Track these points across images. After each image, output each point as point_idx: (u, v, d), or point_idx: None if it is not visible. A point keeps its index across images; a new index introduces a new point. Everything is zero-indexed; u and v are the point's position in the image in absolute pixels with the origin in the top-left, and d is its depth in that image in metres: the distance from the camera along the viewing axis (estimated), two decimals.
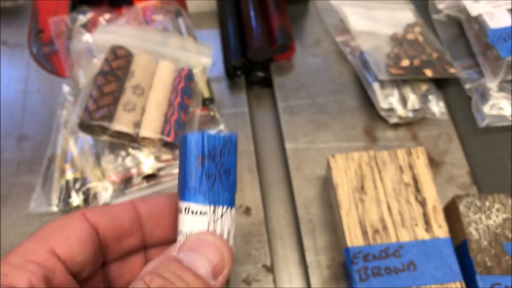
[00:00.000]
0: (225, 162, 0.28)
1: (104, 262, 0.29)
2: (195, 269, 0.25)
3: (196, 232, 0.27)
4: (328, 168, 0.44)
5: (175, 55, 0.50)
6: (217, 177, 0.28)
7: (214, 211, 0.28)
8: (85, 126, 0.44)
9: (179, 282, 0.24)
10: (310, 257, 0.44)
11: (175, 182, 0.47)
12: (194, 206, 0.27)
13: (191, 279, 0.24)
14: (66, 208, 0.45)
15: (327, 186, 0.47)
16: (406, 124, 0.51)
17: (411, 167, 0.43)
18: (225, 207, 0.28)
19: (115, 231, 0.28)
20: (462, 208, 0.41)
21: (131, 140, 0.45)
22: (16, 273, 0.24)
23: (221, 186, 0.28)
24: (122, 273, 0.30)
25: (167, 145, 0.45)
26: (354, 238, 0.40)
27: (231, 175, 0.29)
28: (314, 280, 0.43)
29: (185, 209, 0.28)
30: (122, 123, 0.44)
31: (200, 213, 0.27)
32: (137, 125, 0.45)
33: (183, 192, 0.28)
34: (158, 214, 0.30)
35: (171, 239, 0.30)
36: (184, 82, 0.48)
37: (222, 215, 0.28)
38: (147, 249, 0.31)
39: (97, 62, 0.48)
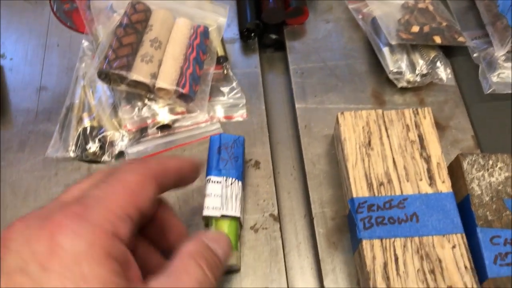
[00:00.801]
0: (235, 152, 0.45)
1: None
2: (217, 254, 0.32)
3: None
4: (337, 124, 0.46)
5: (191, 13, 0.51)
6: (228, 160, 0.44)
7: (225, 180, 0.43)
8: (104, 75, 0.46)
9: (214, 263, 0.31)
10: (315, 209, 0.45)
11: (188, 133, 0.49)
12: (213, 178, 0.43)
13: (218, 262, 0.31)
14: (83, 154, 0.47)
15: (334, 144, 0.48)
16: (414, 89, 0.52)
17: (417, 125, 0.45)
18: (233, 179, 0.44)
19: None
20: (465, 165, 0.42)
21: (148, 91, 0.47)
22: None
23: (231, 166, 0.44)
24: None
25: (181, 96, 0.47)
26: (359, 190, 0.42)
27: (239, 160, 0.45)
28: (319, 230, 0.44)
29: (208, 180, 0.43)
30: (139, 73, 0.45)
31: (217, 182, 0.43)
32: (154, 76, 0.46)
33: (207, 169, 0.44)
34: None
35: None
36: (200, 39, 0.49)
37: (231, 184, 0.43)
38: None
39: (116, 17, 0.50)
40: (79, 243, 0.25)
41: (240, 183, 0.44)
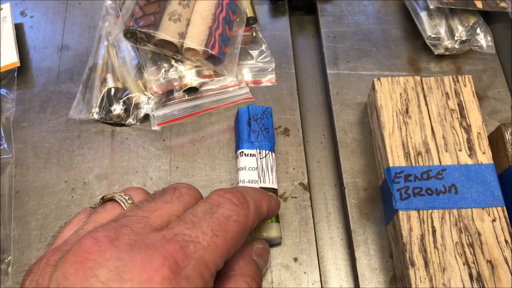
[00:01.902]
0: (265, 123, 0.44)
1: None
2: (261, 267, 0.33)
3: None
4: (373, 91, 0.44)
5: None
6: (259, 132, 0.43)
7: (259, 153, 0.42)
8: (130, 34, 0.44)
9: (259, 280, 0.31)
10: (347, 179, 0.44)
11: (215, 98, 0.47)
12: (246, 151, 0.42)
13: (260, 278, 0.32)
14: (107, 116, 0.45)
15: (368, 111, 0.46)
16: (451, 56, 0.50)
17: (457, 94, 0.43)
18: (267, 151, 0.42)
19: None
20: (508, 135, 0.40)
21: (175, 51, 0.45)
22: None
23: (263, 137, 0.43)
24: None
25: (210, 58, 0.45)
26: (396, 159, 0.40)
27: (270, 131, 0.43)
28: (351, 201, 0.43)
29: (240, 153, 0.42)
30: (167, 32, 0.43)
31: (250, 155, 0.42)
32: (182, 36, 0.44)
33: (238, 143, 0.43)
34: None
35: None
36: None
37: (265, 156, 0.42)
38: None
39: None
40: None
41: (273, 154, 0.43)
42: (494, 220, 0.38)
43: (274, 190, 0.41)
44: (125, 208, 0.28)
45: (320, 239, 0.43)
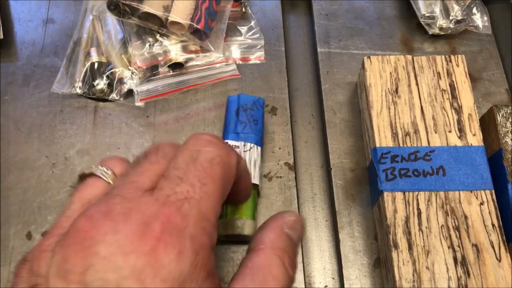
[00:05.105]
0: (254, 114, 0.41)
1: None
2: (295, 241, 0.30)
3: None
4: (362, 69, 0.42)
5: None
6: (247, 123, 0.41)
7: (244, 145, 0.40)
8: (113, 6, 0.43)
9: (294, 256, 0.28)
10: (334, 160, 0.43)
11: (201, 74, 0.46)
12: (230, 142, 0.40)
13: (296, 252, 0.29)
14: (90, 91, 0.44)
15: (358, 91, 0.45)
16: (446, 36, 0.48)
17: (449, 74, 0.41)
18: (252, 144, 0.40)
19: None
20: (500, 118, 0.39)
21: (160, 25, 0.43)
22: None
23: (250, 129, 0.41)
24: None
25: (196, 33, 0.44)
26: (383, 139, 0.39)
27: (258, 124, 0.41)
28: (337, 182, 0.42)
29: None
30: (151, 5, 0.42)
31: (234, 146, 0.40)
32: (167, 9, 0.43)
33: (225, 132, 0.41)
34: None
35: None
36: None
37: (249, 149, 0.40)
38: None
39: None
40: (183, 264, 0.22)
41: (259, 148, 0.41)
42: (481, 204, 0.37)
43: (255, 186, 0.39)
44: (107, 181, 0.27)
45: (305, 220, 0.42)
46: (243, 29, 0.48)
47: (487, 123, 0.40)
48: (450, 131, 0.39)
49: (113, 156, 0.30)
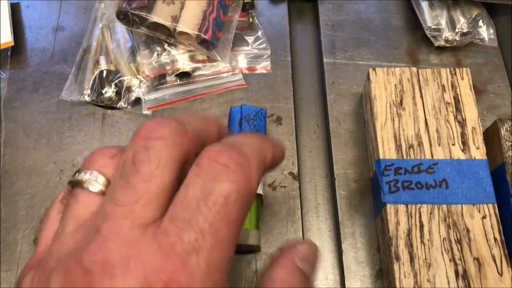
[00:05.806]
0: (257, 125, 0.42)
1: None
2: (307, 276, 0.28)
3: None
4: (367, 81, 0.43)
5: None
6: None
7: None
8: (123, 15, 0.43)
9: None
10: (338, 170, 0.43)
11: (207, 83, 0.46)
12: None
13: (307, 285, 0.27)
14: (98, 98, 0.45)
15: (363, 102, 0.46)
16: (451, 49, 0.49)
17: (454, 86, 0.42)
18: None
19: None
20: (503, 131, 0.39)
21: (168, 35, 0.44)
22: None
23: None
24: None
25: (203, 43, 0.44)
26: (387, 151, 0.39)
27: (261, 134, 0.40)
28: (341, 192, 0.42)
29: None
30: (160, 15, 0.43)
31: None
32: (175, 19, 0.43)
33: None
34: None
35: None
36: None
37: None
38: None
39: None
40: None
41: None
42: (484, 217, 0.37)
43: (258, 195, 0.40)
44: (100, 192, 0.24)
45: (308, 230, 0.42)
46: (250, 39, 0.49)
47: (491, 137, 0.40)
48: (453, 144, 0.39)
49: (100, 149, 0.26)
